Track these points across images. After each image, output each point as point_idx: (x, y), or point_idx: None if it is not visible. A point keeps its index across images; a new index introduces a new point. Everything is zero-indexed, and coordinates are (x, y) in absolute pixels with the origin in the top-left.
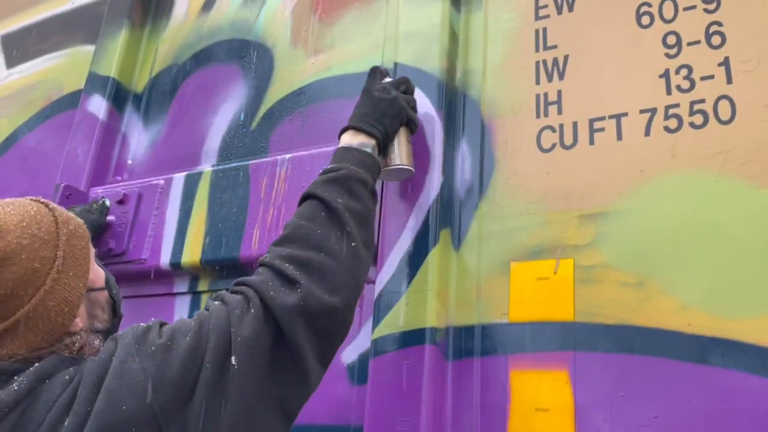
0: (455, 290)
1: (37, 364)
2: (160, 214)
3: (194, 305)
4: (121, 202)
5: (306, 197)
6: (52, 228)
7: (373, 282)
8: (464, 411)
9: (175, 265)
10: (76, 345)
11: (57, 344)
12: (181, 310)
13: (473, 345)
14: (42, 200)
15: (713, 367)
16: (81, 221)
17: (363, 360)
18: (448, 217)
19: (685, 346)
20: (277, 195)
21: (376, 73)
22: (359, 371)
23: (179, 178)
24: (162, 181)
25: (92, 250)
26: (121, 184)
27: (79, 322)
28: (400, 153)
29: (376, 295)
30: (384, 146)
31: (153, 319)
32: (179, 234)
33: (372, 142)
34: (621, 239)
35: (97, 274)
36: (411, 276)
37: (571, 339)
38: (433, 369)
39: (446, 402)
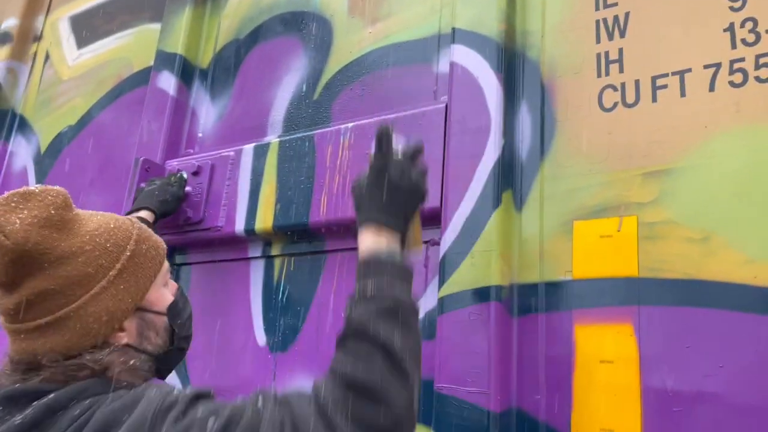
0: (518, 250)
1: (52, 395)
2: (233, 184)
3: (268, 269)
4: (195, 173)
5: (358, 332)
6: (121, 243)
7: (438, 243)
8: (530, 364)
9: (249, 231)
10: (104, 361)
11: (89, 353)
12: (255, 273)
13: (538, 302)
14: (134, 220)
15: None
16: (163, 246)
17: (430, 317)
18: (510, 179)
19: (750, 298)
20: (342, 162)
21: (388, 140)
22: (426, 328)
23: (248, 150)
24: (232, 153)
25: (164, 275)
26: (194, 156)
27: (124, 337)
28: (412, 236)
29: (441, 255)
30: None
31: (176, 389)
32: (251, 202)
33: (398, 239)
34: (685, 195)
35: (162, 298)
36: (474, 237)
37: (636, 293)
38: (498, 325)
39: (512, 356)
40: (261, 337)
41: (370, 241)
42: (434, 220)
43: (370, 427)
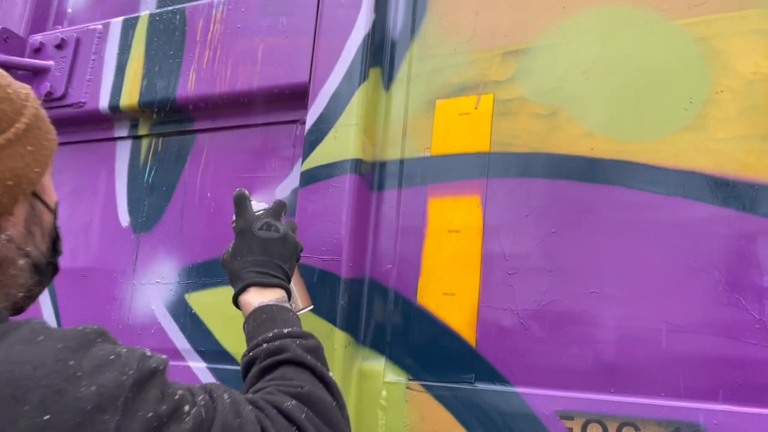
0: (383, 127)
1: None
2: (99, 59)
3: (135, 149)
4: (59, 47)
5: (296, 363)
6: (22, 96)
7: (302, 122)
8: (385, 236)
9: (114, 108)
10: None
11: None
12: (121, 153)
13: (397, 177)
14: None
15: (611, 186)
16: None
17: (295, 194)
18: (379, 56)
19: (587, 169)
20: (213, 37)
21: (245, 203)
22: (291, 205)
23: (116, 23)
24: (100, 26)
25: (51, 165)
26: (59, 30)
27: (12, 227)
28: (297, 296)
29: (306, 131)
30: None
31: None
32: (117, 77)
33: (282, 294)
34: (539, 73)
35: (52, 190)
36: (339, 111)
37: (485, 167)
38: (357, 197)
39: (368, 228)
40: (124, 218)
41: (257, 301)
42: (303, 97)
43: None
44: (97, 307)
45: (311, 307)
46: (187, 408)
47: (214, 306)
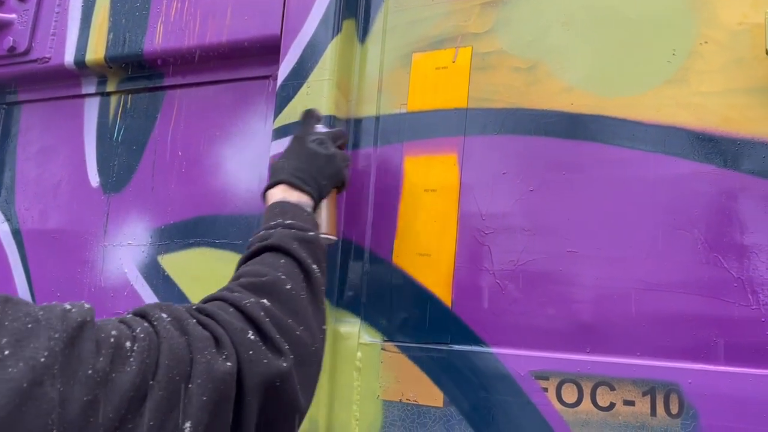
0: (358, 82)
1: None
2: (63, 11)
3: (103, 106)
4: None
5: (278, 249)
6: None
7: (274, 77)
8: (359, 196)
9: (80, 63)
10: None
11: None
12: (89, 111)
13: (372, 135)
14: None
15: (590, 142)
16: None
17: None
18: (353, 7)
19: (566, 125)
20: None
21: (311, 118)
22: (259, 165)
23: None
24: None
25: None
26: None
27: None
28: (326, 220)
29: (277, 87)
30: (315, 208)
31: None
32: (83, 30)
33: (309, 201)
34: (518, 25)
35: None
36: (312, 66)
37: (463, 124)
38: None
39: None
40: (94, 178)
41: (279, 195)
42: (275, 51)
43: (297, 344)
44: (68, 270)
45: (334, 238)
46: (128, 344)
47: (187, 268)
